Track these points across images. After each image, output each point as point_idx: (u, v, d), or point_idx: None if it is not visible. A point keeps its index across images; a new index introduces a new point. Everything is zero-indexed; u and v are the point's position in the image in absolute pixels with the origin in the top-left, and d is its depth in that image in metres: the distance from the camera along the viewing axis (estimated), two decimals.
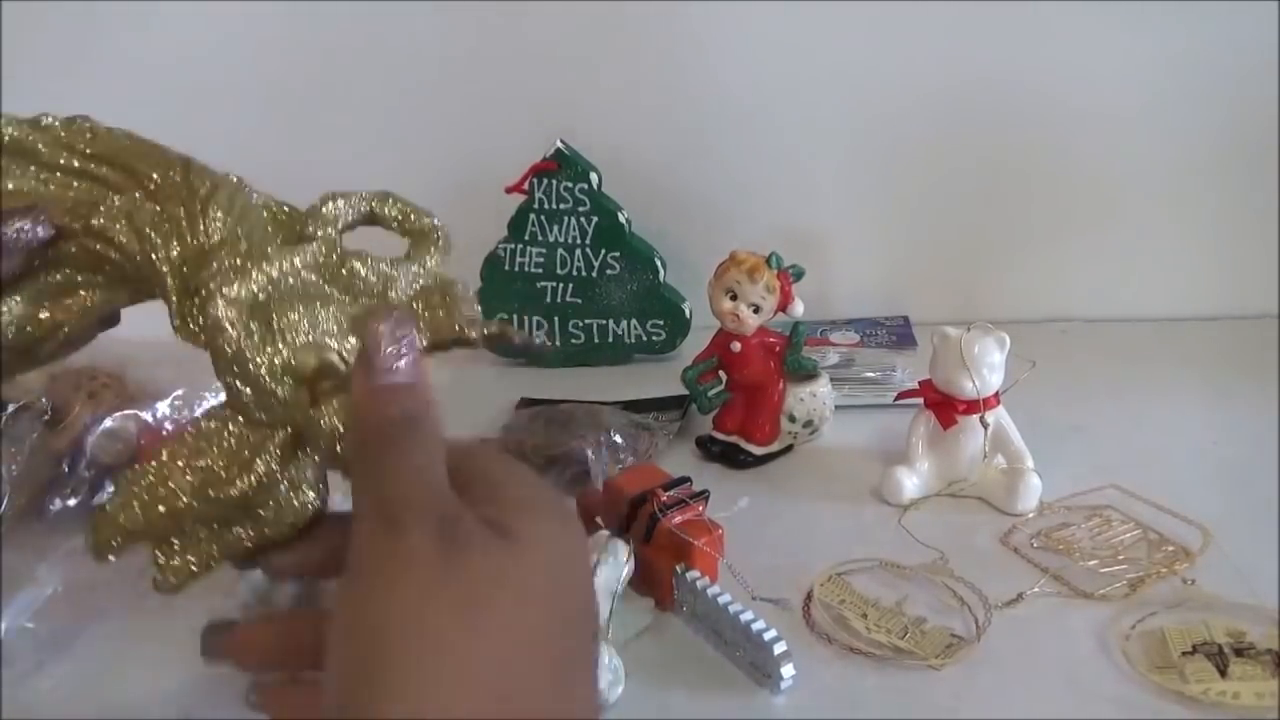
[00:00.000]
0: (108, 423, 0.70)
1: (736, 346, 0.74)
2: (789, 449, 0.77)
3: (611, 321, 0.93)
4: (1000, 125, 0.93)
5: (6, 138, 0.38)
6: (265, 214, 0.38)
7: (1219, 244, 0.95)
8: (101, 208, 0.37)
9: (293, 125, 0.95)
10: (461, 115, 0.94)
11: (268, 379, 0.34)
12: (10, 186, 0.38)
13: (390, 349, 0.33)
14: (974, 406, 0.67)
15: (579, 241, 0.91)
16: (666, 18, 0.90)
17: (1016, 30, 0.89)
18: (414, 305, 0.37)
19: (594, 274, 0.92)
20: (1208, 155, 0.92)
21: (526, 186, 0.90)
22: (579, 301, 0.93)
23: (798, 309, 0.73)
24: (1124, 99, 0.91)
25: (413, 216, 0.40)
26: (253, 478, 0.35)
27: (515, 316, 0.93)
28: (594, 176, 0.89)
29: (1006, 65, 0.91)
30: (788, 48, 0.91)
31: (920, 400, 0.71)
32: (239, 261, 0.35)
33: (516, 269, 0.92)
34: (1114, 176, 0.94)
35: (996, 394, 0.68)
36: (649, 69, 0.92)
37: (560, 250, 0.91)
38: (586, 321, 0.93)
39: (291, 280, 0.35)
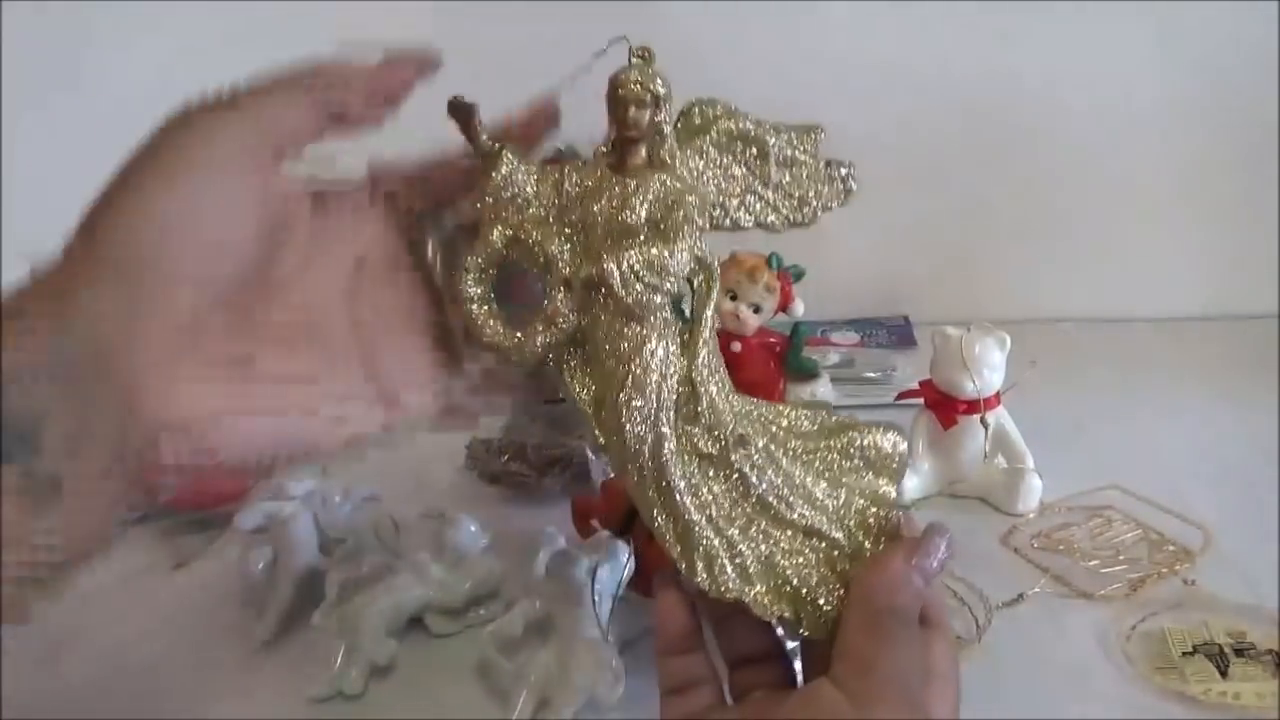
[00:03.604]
0: None
1: (737, 346, 0.74)
2: None
3: None
4: (1001, 125, 0.93)
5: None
6: None
7: (1219, 244, 0.95)
8: None
9: None
10: None
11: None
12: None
13: (940, 550, 0.36)
14: (974, 406, 0.67)
15: None
16: (666, 18, 0.90)
17: (1017, 30, 0.89)
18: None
19: None
20: (1208, 155, 0.92)
21: None
22: None
23: (798, 309, 0.73)
24: (1125, 99, 0.91)
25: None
26: None
27: None
28: None
29: (1007, 65, 0.91)
30: (788, 49, 0.91)
31: (920, 400, 0.71)
32: None
33: None
34: (1114, 177, 0.94)
35: (997, 394, 0.68)
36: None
37: None
38: None
39: None
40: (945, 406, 0.68)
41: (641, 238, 0.35)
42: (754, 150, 0.39)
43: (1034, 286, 0.98)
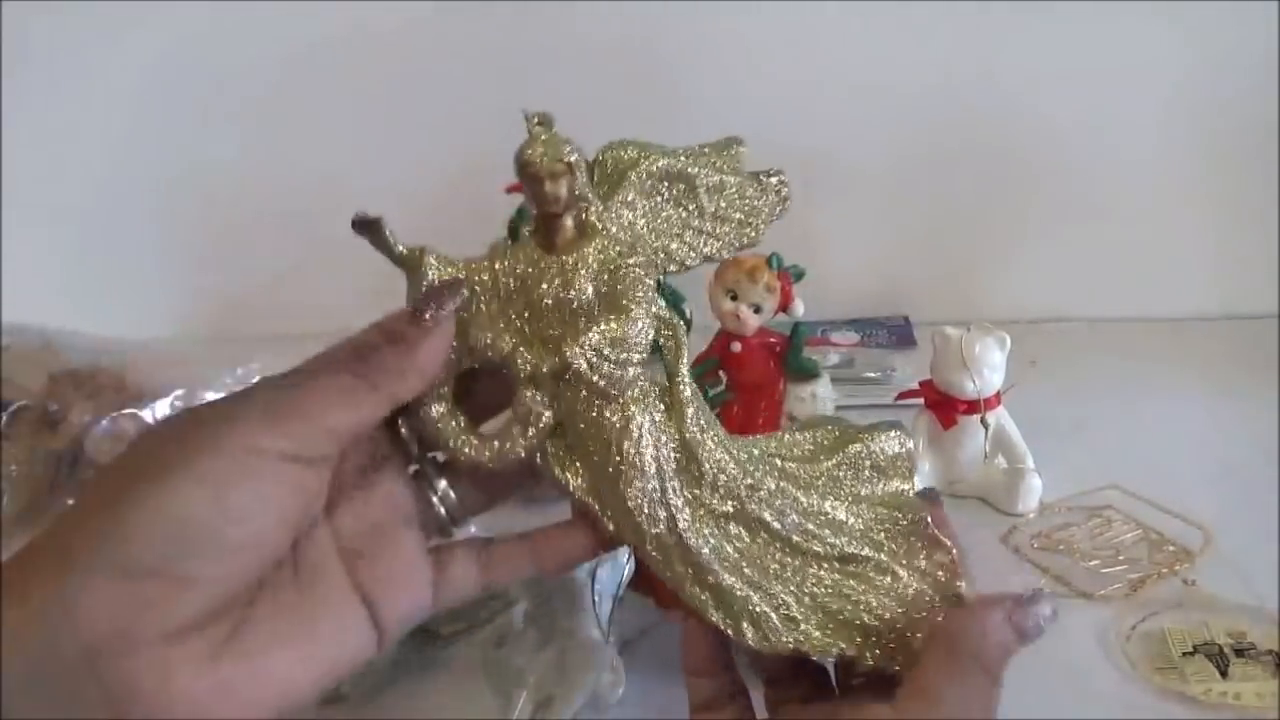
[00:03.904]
0: (107, 423, 0.70)
1: (737, 347, 0.74)
2: None
3: None
4: (1000, 124, 0.93)
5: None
6: None
7: (1219, 244, 0.95)
8: None
9: (291, 126, 0.95)
10: (461, 115, 0.94)
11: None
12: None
13: (1045, 616, 0.37)
14: (974, 406, 0.67)
15: None
16: (666, 19, 0.90)
17: (1016, 29, 0.89)
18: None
19: None
20: (1208, 155, 0.92)
21: None
22: None
23: (798, 309, 0.73)
24: (1124, 98, 0.91)
25: None
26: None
27: None
28: None
29: (1006, 64, 0.90)
30: (786, 49, 0.91)
31: (920, 400, 0.71)
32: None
33: None
34: (1114, 176, 0.94)
35: (997, 394, 0.68)
36: (648, 69, 0.92)
37: None
38: None
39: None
40: (945, 406, 0.68)
41: (596, 314, 0.34)
42: (680, 186, 0.37)
43: (1034, 286, 0.98)
